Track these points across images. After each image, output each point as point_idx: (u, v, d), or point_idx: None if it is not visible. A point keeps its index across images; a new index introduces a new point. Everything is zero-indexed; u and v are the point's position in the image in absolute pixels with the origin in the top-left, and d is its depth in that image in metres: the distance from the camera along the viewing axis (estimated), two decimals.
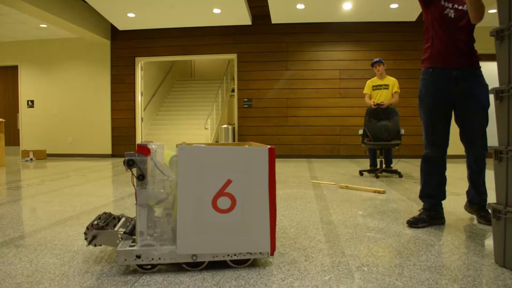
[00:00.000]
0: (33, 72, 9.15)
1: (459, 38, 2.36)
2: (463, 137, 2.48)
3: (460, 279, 1.59)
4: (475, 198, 2.54)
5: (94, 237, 1.75)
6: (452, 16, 2.37)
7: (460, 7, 2.38)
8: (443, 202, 2.55)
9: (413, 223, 2.46)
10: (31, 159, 8.12)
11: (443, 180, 2.53)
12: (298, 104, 8.29)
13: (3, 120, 6.97)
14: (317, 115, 8.24)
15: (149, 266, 1.68)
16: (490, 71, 3.10)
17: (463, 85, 2.38)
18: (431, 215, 2.48)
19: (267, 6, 7.46)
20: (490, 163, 2.65)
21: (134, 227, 1.83)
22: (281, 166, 6.53)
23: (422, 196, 2.56)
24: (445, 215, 2.56)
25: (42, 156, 8.49)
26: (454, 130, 2.49)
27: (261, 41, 8.35)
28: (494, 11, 6.45)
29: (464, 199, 3.09)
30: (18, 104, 9.31)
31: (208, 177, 1.66)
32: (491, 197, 2.10)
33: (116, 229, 1.81)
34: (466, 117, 2.43)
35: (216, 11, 7.41)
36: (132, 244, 1.70)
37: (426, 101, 2.48)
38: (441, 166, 2.50)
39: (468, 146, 2.46)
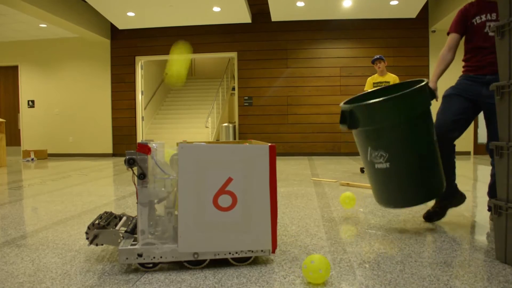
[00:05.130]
0: (33, 72, 9.15)
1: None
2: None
3: (462, 275, 1.59)
4: None
5: (95, 237, 1.76)
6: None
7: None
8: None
9: (427, 218, 2.48)
10: (32, 159, 8.13)
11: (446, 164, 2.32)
12: (299, 102, 8.28)
13: (4, 120, 6.98)
14: (318, 112, 8.23)
15: (151, 265, 1.68)
16: None
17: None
18: (442, 204, 2.42)
19: (267, 4, 7.45)
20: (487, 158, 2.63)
21: (135, 226, 1.84)
22: (282, 164, 6.53)
23: None
24: (448, 210, 2.50)
25: (43, 156, 8.50)
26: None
27: (261, 39, 8.34)
28: None
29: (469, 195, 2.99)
30: (18, 104, 9.32)
31: (209, 175, 1.66)
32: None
33: (117, 228, 1.82)
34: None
35: (216, 9, 7.40)
36: (133, 243, 1.71)
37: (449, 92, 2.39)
38: (444, 150, 2.30)
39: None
